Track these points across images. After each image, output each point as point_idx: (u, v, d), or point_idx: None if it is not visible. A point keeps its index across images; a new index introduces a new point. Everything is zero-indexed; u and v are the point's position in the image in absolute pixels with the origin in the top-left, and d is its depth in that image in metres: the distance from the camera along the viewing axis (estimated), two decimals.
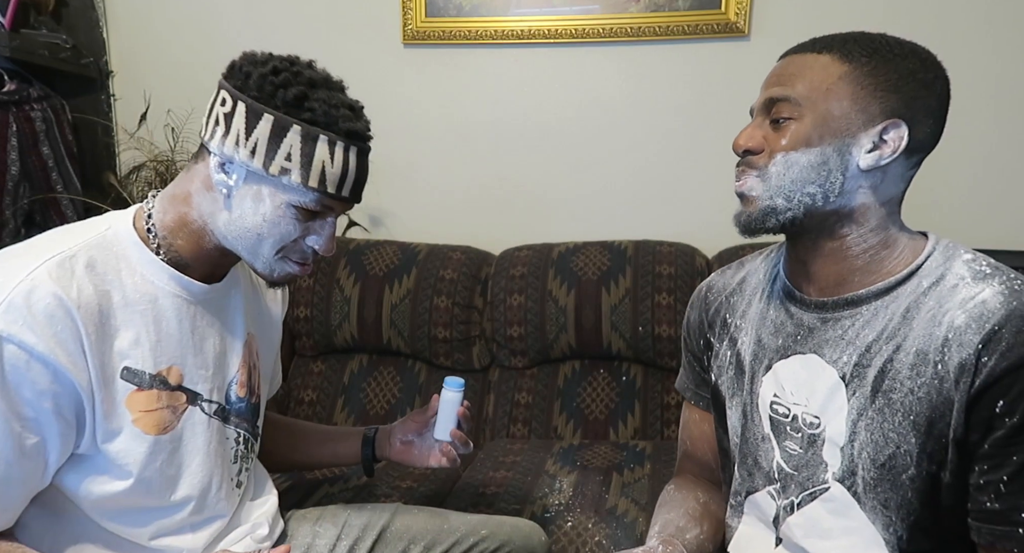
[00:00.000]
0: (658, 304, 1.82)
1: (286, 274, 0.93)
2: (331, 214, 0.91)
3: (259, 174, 0.85)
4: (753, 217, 0.84)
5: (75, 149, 2.09)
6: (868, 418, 0.81)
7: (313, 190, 0.86)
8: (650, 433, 1.81)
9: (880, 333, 0.81)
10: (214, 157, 0.86)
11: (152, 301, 0.88)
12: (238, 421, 1.01)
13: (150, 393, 0.88)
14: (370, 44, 2.10)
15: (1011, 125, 1.87)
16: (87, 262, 0.83)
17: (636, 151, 2.05)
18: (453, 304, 1.89)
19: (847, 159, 0.80)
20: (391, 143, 2.12)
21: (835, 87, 0.80)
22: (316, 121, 0.85)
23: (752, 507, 0.94)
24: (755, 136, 0.84)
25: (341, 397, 1.93)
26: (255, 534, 1.02)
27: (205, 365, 0.94)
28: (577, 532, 1.38)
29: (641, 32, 1.98)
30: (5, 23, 1.89)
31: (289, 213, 0.87)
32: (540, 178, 2.11)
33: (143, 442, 0.87)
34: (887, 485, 0.80)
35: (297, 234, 0.89)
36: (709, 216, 1.99)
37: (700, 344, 1.04)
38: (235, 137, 0.84)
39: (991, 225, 1.90)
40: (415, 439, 1.17)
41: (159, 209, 0.91)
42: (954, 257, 0.82)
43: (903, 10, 1.84)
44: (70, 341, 0.79)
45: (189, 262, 0.91)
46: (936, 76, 0.81)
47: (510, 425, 1.86)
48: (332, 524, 1.11)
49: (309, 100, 0.84)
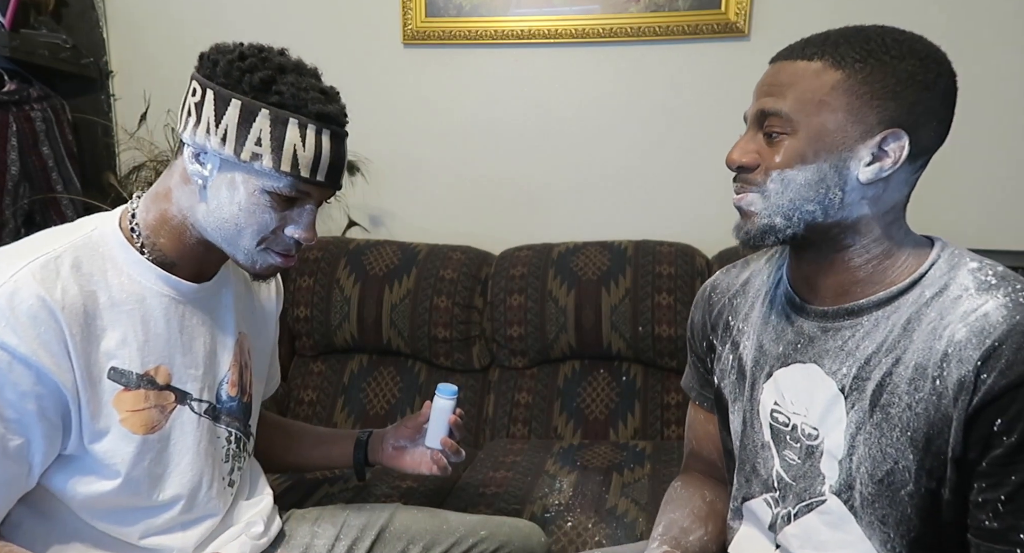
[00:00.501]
0: (658, 304, 1.81)
1: (269, 266, 0.92)
2: (309, 201, 0.90)
3: (232, 161, 0.85)
4: (752, 234, 0.82)
5: (75, 149, 2.09)
6: (866, 432, 0.79)
7: (286, 174, 0.85)
8: (650, 433, 1.81)
9: (880, 345, 0.79)
10: (188, 148, 0.86)
11: (139, 301, 0.88)
12: (229, 420, 1.00)
13: (137, 393, 0.88)
14: (370, 44, 2.10)
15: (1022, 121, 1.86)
16: (72, 263, 0.84)
17: (636, 151, 2.05)
18: (453, 304, 1.89)
19: (845, 174, 0.77)
20: (391, 143, 2.14)
21: (828, 98, 0.76)
22: (285, 104, 0.84)
23: (749, 513, 0.93)
24: (749, 151, 0.81)
25: (341, 397, 1.93)
26: (250, 532, 1.02)
27: (194, 364, 0.94)
28: (577, 532, 1.38)
29: (641, 32, 1.97)
30: (5, 23, 1.89)
31: (264, 200, 0.86)
32: (540, 178, 2.11)
33: (131, 442, 0.87)
34: (885, 501, 0.78)
35: (275, 223, 0.88)
36: (709, 216, 1.99)
37: (703, 346, 1.02)
38: (206, 125, 0.84)
39: (1006, 224, 1.90)
40: (407, 445, 1.15)
41: (142, 208, 0.91)
42: (959, 266, 0.79)
43: (904, 9, 1.84)
44: (54, 342, 0.79)
45: (175, 260, 0.91)
46: (938, 74, 0.76)
47: (510, 425, 1.86)
48: (331, 524, 1.11)
49: (277, 84, 0.84)
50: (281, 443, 1.21)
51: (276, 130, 0.83)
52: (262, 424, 1.15)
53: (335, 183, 0.91)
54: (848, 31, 0.79)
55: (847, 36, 0.78)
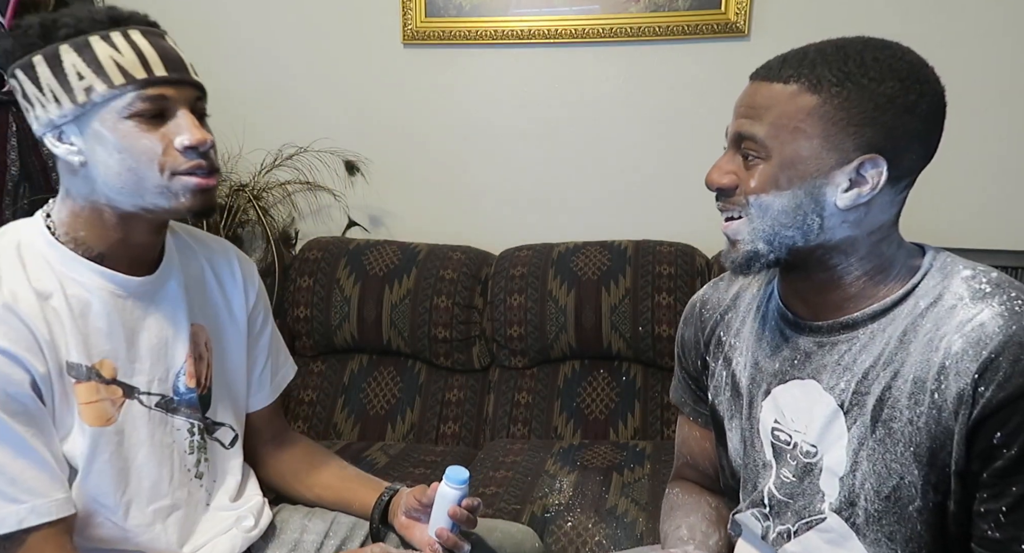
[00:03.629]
0: (658, 304, 1.82)
1: (192, 191, 0.87)
2: (176, 107, 0.86)
3: (79, 114, 0.83)
4: (737, 262, 0.80)
5: None
6: (869, 448, 0.77)
7: (124, 87, 0.82)
8: (650, 433, 1.81)
9: (877, 358, 0.77)
10: (48, 138, 0.86)
11: (77, 296, 0.88)
12: (190, 412, 0.99)
13: (89, 385, 0.88)
14: (370, 44, 2.10)
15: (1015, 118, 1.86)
16: (11, 265, 0.85)
17: (636, 151, 2.05)
18: (453, 304, 1.89)
19: (821, 201, 0.75)
20: (391, 143, 2.14)
21: (803, 125, 0.74)
22: (77, 30, 0.83)
23: (742, 525, 0.92)
24: (727, 172, 0.80)
25: (341, 397, 1.93)
26: (241, 525, 1.02)
27: (139, 358, 0.93)
28: (577, 532, 1.38)
29: (641, 32, 1.97)
30: (5, 23, 1.89)
31: (130, 127, 0.83)
32: (540, 178, 2.11)
33: (86, 434, 0.87)
34: (893, 517, 0.77)
35: (159, 143, 0.85)
36: (709, 216, 1.96)
37: (697, 364, 1.00)
38: (39, 102, 0.84)
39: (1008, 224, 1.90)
40: (420, 517, 1.05)
41: (55, 210, 0.91)
42: (952, 274, 0.77)
43: (905, 9, 1.83)
44: (24, 337, 0.82)
45: (102, 251, 0.90)
46: (920, 95, 0.73)
47: (510, 425, 1.86)
48: (321, 520, 1.10)
49: (58, 21, 0.83)
50: (304, 468, 1.16)
51: (85, 55, 0.82)
52: (291, 444, 1.16)
53: (183, 75, 0.87)
54: (827, 48, 0.76)
55: (825, 55, 0.75)
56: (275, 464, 1.15)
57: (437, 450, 1.76)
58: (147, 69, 0.83)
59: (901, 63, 0.74)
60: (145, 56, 0.84)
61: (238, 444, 1.07)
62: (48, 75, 0.82)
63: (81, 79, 0.82)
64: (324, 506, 1.13)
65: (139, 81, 0.83)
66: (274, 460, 1.15)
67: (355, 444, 1.79)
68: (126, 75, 0.82)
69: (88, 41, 0.82)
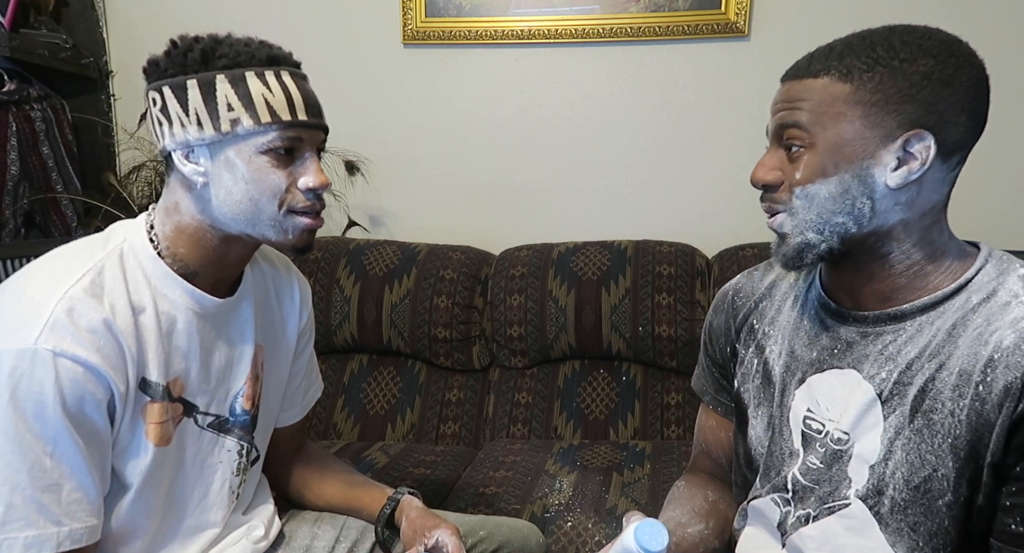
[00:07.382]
0: (658, 304, 1.82)
1: (301, 231, 0.90)
2: (305, 148, 0.89)
3: (217, 141, 0.85)
4: (789, 255, 0.80)
5: (75, 149, 2.09)
6: (905, 438, 0.77)
7: (269, 125, 0.84)
8: (650, 433, 1.81)
9: (923, 350, 0.77)
10: (176, 154, 0.86)
11: (167, 314, 0.88)
12: (241, 433, 1.00)
13: (161, 405, 0.88)
14: (370, 44, 2.10)
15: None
16: (114, 276, 0.85)
17: (636, 151, 2.05)
18: (453, 304, 1.89)
19: (870, 183, 0.75)
20: (391, 143, 2.14)
21: (843, 109, 0.74)
22: (235, 63, 0.84)
23: (755, 512, 0.92)
24: (771, 168, 0.80)
25: (341, 397, 1.93)
26: (251, 536, 1.02)
27: (208, 378, 0.94)
28: (577, 532, 1.38)
29: (641, 32, 1.98)
30: (5, 23, 1.89)
31: (263, 162, 0.86)
32: (540, 178, 2.11)
33: (148, 453, 0.87)
34: (920, 509, 0.77)
35: (285, 180, 0.87)
36: (709, 216, 1.99)
37: (726, 351, 1.00)
38: (179, 121, 0.84)
39: None
40: None
41: (159, 221, 0.91)
42: (1008, 272, 0.77)
43: (906, 9, 1.83)
44: (114, 354, 0.81)
45: (197, 270, 0.91)
46: (956, 68, 0.73)
47: (510, 425, 1.86)
48: (331, 526, 1.11)
49: (219, 49, 0.85)
50: (315, 479, 1.17)
51: (239, 89, 0.84)
52: (306, 455, 1.16)
53: (321, 122, 0.90)
54: (852, 40, 0.77)
55: (851, 46, 0.76)
56: (288, 475, 1.16)
57: (437, 450, 1.76)
58: (292, 112, 0.86)
59: (931, 41, 0.74)
60: (293, 99, 0.86)
61: (259, 462, 1.08)
62: (198, 99, 0.84)
63: (231, 110, 0.84)
64: (333, 511, 1.15)
65: (283, 122, 0.85)
66: (286, 471, 1.16)
67: (355, 444, 1.79)
68: (273, 115, 0.85)
69: (244, 75, 0.84)
